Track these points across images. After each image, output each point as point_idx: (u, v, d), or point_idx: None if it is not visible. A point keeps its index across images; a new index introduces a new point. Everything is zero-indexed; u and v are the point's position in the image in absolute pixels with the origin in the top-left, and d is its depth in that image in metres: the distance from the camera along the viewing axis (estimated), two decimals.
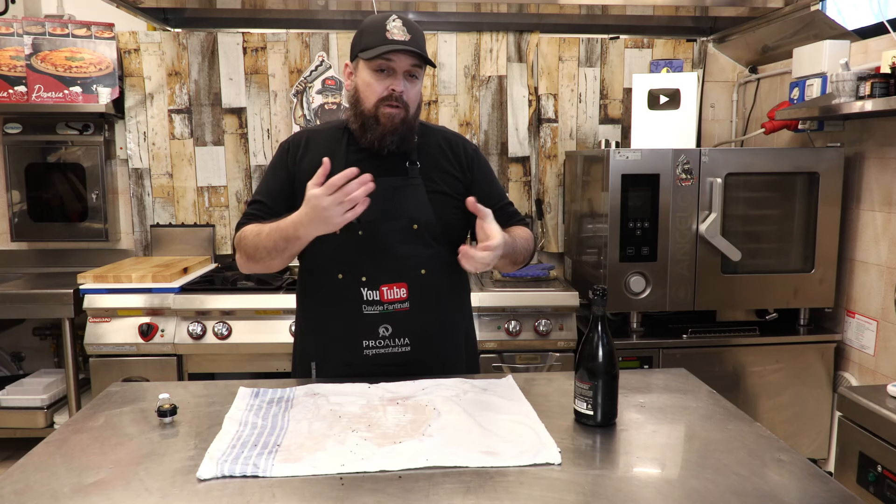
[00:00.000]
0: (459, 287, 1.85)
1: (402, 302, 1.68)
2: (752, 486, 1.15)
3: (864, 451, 1.97)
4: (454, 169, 1.76)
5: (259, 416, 1.42)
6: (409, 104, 1.65)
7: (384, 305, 1.67)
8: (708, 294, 2.85)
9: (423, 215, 1.69)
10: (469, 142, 1.85)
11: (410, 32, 1.61)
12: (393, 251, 1.67)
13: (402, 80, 1.63)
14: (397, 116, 1.62)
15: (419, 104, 1.71)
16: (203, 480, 1.18)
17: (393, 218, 1.67)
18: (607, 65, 3.53)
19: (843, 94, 2.46)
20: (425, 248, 1.70)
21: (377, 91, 1.62)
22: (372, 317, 1.68)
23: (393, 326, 1.68)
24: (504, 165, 3.54)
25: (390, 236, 1.67)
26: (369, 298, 1.67)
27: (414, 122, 1.68)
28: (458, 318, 1.84)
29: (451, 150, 1.78)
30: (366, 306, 1.67)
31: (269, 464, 1.21)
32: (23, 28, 3.21)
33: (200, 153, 3.47)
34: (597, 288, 1.41)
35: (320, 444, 1.29)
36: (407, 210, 1.68)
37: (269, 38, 3.40)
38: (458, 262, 1.74)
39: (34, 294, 2.97)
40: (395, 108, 1.62)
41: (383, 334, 1.69)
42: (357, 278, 1.67)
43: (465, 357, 1.85)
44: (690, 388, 1.66)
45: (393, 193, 1.68)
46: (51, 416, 3.14)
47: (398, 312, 1.68)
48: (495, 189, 1.83)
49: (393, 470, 1.20)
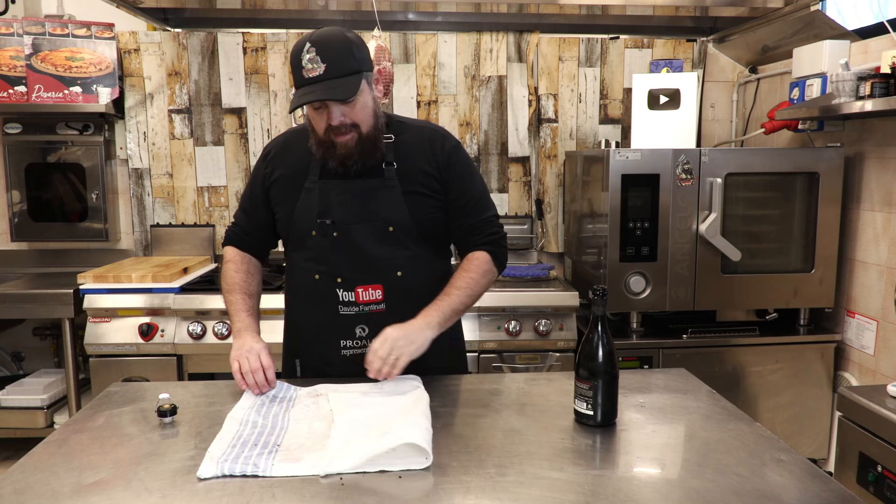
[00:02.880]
0: (438, 287, 1.77)
1: (377, 303, 1.68)
2: (752, 486, 1.15)
3: (864, 451, 1.97)
4: (430, 166, 1.71)
5: (260, 415, 1.43)
6: (360, 123, 1.59)
7: (360, 307, 1.68)
8: (708, 294, 2.85)
9: (398, 217, 1.67)
10: (449, 137, 1.77)
11: (325, 59, 1.51)
12: (368, 253, 1.67)
13: (336, 111, 1.56)
14: (351, 140, 1.59)
15: (374, 115, 1.63)
16: (203, 480, 1.18)
17: (368, 220, 1.67)
18: (607, 65, 3.53)
19: (843, 94, 2.46)
20: (401, 250, 1.69)
21: (320, 125, 1.60)
22: (348, 317, 1.69)
23: (370, 327, 1.68)
24: (504, 165, 3.54)
25: (365, 238, 1.67)
26: (345, 299, 1.68)
27: (375, 135, 1.63)
28: None
29: (429, 146, 1.72)
30: (342, 307, 1.68)
31: (269, 463, 1.21)
32: (23, 28, 3.21)
33: (200, 153, 3.47)
34: (597, 288, 1.41)
35: (320, 443, 1.29)
36: (382, 212, 1.67)
37: (269, 38, 3.40)
38: (436, 262, 1.76)
39: (34, 294, 2.97)
40: (343, 134, 1.58)
41: (360, 335, 1.69)
42: (333, 279, 1.68)
43: (449, 357, 1.81)
44: (690, 388, 1.66)
45: (368, 195, 1.67)
46: (51, 416, 3.14)
47: (374, 313, 1.68)
48: (470, 191, 1.76)
49: (392, 471, 1.20)
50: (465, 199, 1.75)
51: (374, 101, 1.63)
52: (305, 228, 1.69)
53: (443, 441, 1.33)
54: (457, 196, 1.74)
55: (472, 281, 1.70)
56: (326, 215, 1.66)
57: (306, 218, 1.68)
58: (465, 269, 1.72)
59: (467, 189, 1.76)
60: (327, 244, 1.67)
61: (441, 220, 1.74)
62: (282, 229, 1.77)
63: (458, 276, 1.70)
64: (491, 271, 1.75)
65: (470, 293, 1.69)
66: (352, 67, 1.55)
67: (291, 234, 1.73)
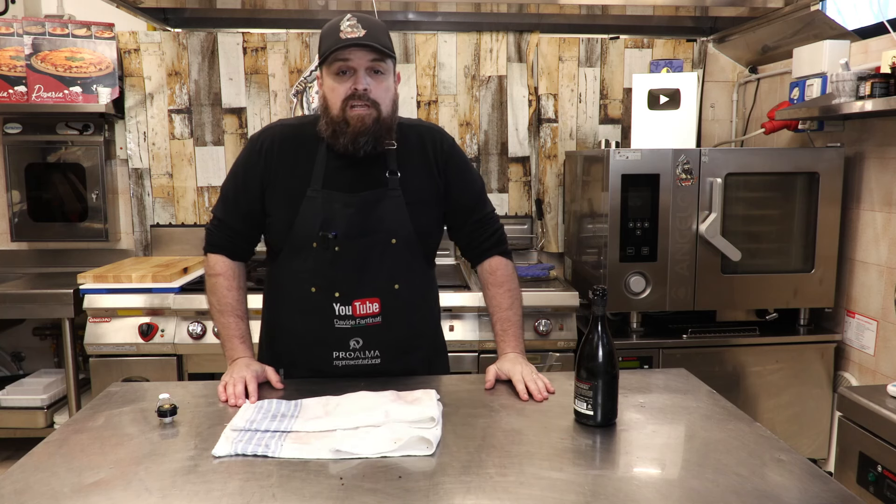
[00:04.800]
0: (429, 297, 1.82)
1: (374, 317, 1.66)
2: (753, 486, 1.15)
3: (864, 451, 1.97)
4: (430, 167, 1.70)
5: (272, 405, 1.46)
6: (379, 102, 1.57)
7: (356, 320, 1.65)
8: (708, 294, 2.85)
9: (401, 229, 1.65)
10: (445, 136, 1.76)
11: (366, 27, 1.53)
12: (369, 267, 1.64)
13: (365, 77, 1.55)
14: (368, 117, 1.55)
15: (393, 103, 1.62)
16: (218, 458, 1.25)
17: (371, 233, 1.64)
18: (607, 65, 3.53)
19: (843, 94, 2.46)
20: (401, 263, 1.67)
21: (340, 93, 1.55)
22: (343, 330, 1.66)
23: (364, 339, 1.67)
24: (504, 165, 3.54)
25: (367, 252, 1.64)
26: (341, 313, 1.64)
27: (390, 122, 1.61)
28: (426, 328, 1.81)
29: (430, 147, 1.71)
30: (337, 321, 1.65)
31: (279, 444, 1.28)
32: (23, 28, 3.21)
33: (200, 153, 3.47)
34: (597, 288, 1.41)
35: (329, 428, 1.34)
36: (386, 224, 1.64)
37: (269, 38, 3.40)
38: (428, 273, 1.79)
39: (34, 294, 2.97)
40: (362, 107, 1.55)
41: (354, 347, 1.67)
42: (330, 293, 1.64)
43: (433, 366, 1.84)
44: (690, 388, 1.66)
45: (372, 208, 1.64)
46: (51, 416, 3.14)
47: (370, 326, 1.66)
48: (472, 187, 1.77)
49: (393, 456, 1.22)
50: (468, 194, 1.76)
51: (395, 92, 1.64)
52: (305, 240, 1.63)
53: (443, 441, 1.33)
54: (459, 192, 1.74)
55: (512, 293, 1.79)
56: (329, 227, 1.62)
57: (307, 229, 1.62)
58: (495, 283, 1.79)
59: (469, 185, 1.77)
60: (328, 257, 1.63)
61: (437, 228, 1.76)
62: (276, 236, 1.69)
63: (499, 295, 1.78)
64: (513, 273, 1.82)
65: (518, 304, 1.80)
66: (388, 45, 1.59)
67: (289, 243, 1.66)
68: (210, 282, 1.73)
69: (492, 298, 1.79)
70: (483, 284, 1.82)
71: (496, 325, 1.78)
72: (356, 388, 1.53)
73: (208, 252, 1.75)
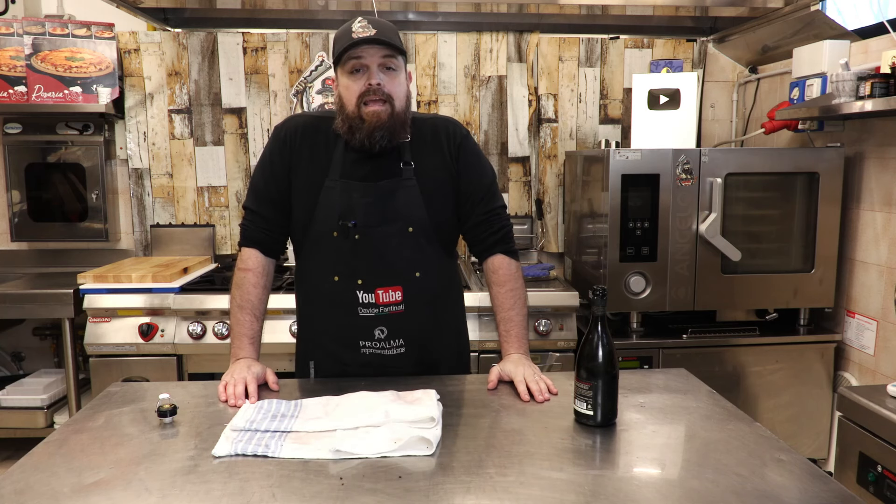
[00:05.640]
0: (451, 287, 1.85)
1: (397, 304, 1.69)
2: (753, 486, 1.15)
3: (864, 451, 1.97)
4: (444, 157, 1.74)
5: (273, 405, 1.46)
6: (393, 97, 1.62)
7: (380, 308, 1.69)
8: (708, 294, 2.85)
9: (417, 217, 1.69)
10: (459, 127, 1.79)
11: (376, 27, 1.59)
12: (388, 255, 1.68)
13: (378, 73, 1.60)
14: (383, 113, 1.60)
15: (406, 98, 1.67)
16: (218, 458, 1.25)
17: (389, 222, 1.67)
18: (607, 65, 3.53)
19: (843, 94, 2.46)
20: (420, 251, 1.70)
21: (355, 90, 1.61)
22: (367, 319, 1.69)
23: (388, 328, 1.70)
24: (504, 165, 3.54)
25: (386, 240, 1.68)
26: (365, 301, 1.68)
27: (404, 117, 1.66)
28: (450, 317, 1.85)
29: (443, 137, 1.75)
30: (361, 309, 1.69)
31: (278, 445, 1.28)
32: (23, 28, 3.21)
33: (200, 153, 3.47)
34: (597, 288, 1.41)
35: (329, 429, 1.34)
36: (402, 213, 1.68)
37: (269, 38, 3.40)
38: (449, 262, 1.80)
39: (34, 294, 2.97)
40: (377, 102, 1.60)
41: (379, 336, 1.70)
42: (353, 281, 1.68)
43: (457, 356, 1.86)
44: (690, 388, 1.66)
45: (388, 197, 1.68)
46: (51, 416, 3.14)
47: (393, 314, 1.69)
48: (481, 182, 1.78)
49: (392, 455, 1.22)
50: (476, 185, 1.77)
51: (407, 89, 1.69)
52: (326, 229, 1.68)
53: (443, 441, 1.33)
54: (468, 181, 1.75)
55: (514, 293, 1.78)
56: (348, 217, 1.66)
57: (327, 218, 1.67)
58: (497, 283, 1.79)
59: (479, 175, 1.78)
60: (348, 246, 1.66)
61: (453, 217, 1.77)
62: (297, 225, 1.73)
63: (501, 294, 1.78)
64: (517, 272, 1.81)
65: (522, 304, 1.79)
66: (399, 44, 1.64)
67: (309, 233, 1.71)
68: (238, 276, 1.75)
69: (494, 298, 1.80)
70: (487, 283, 1.83)
71: (499, 326, 1.79)
72: (356, 388, 1.53)
73: (242, 246, 1.78)
